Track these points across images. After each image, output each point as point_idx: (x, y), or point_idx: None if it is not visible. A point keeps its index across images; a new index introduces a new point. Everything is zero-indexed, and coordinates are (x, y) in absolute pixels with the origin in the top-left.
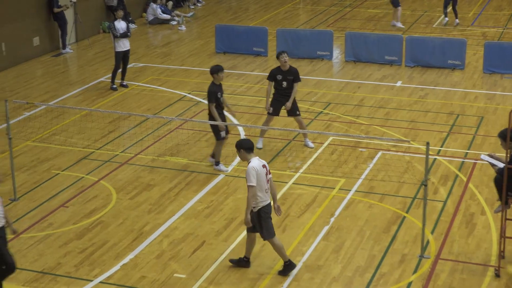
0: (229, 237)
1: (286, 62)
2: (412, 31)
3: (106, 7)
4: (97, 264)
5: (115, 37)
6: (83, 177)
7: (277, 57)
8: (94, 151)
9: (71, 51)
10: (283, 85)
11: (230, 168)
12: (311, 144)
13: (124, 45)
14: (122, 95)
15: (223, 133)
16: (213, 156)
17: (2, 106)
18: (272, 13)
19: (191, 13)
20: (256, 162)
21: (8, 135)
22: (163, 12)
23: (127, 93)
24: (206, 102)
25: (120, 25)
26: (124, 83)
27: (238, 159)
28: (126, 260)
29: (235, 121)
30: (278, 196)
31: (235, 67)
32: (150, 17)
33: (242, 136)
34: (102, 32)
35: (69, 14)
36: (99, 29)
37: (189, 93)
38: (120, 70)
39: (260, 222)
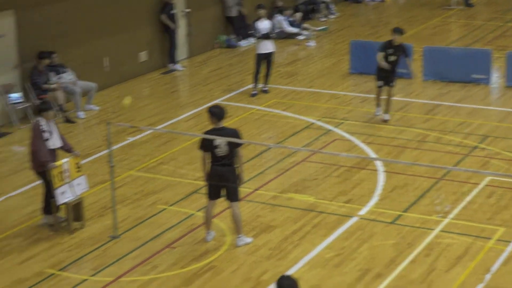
0: None
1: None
2: None
3: (224, 19)
4: None
5: (256, 38)
6: (193, 214)
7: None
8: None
9: (182, 68)
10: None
11: (364, 211)
12: (386, 117)
13: (265, 47)
14: (241, 120)
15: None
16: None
17: (104, 130)
18: (418, 27)
19: (322, 27)
20: None
21: (110, 162)
22: (291, 24)
23: (246, 118)
24: (338, 131)
25: (263, 25)
26: (266, 89)
27: (374, 200)
28: None
29: (372, 154)
30: (423, 244)
31: (372, 91)
32: (276, 30)
33: (381, 172)
34: (219, 47)
35: (181, 26)
36: (215, 43)
37: (318, 120)
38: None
39: None
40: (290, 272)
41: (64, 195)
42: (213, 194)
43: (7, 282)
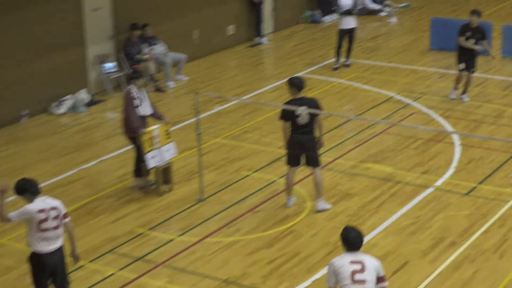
0: (437, 259)
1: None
2: None
3: None
4: (286, 277)
5: (339, 14)
6: (275, 180)
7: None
8: None
9: (268, 42)
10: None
11: (440, 182)
12: (465, 99)
13: (347, 23)
14: (322, 93)
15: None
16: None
17: (192, 99)
18: (498, 6)
19: (404, 4)
20: None
21: (197, 130)
22: (373, 1)
23: (327, 91)
24: (416, 104)
25: (346, 1)
26: (347, 63)
27: (450, 172)
28: (318, 275)
29: (449, 128)
30: (497, 215)
31: (451, 66)
32: (358, 7)
33: (457, 145)
34: (304, 22)
35: (268, 1)
36: (300, 18)
37: (397, 94)
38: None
39: None
40: (367, 238)
41: (154, 159)
42: (293, 162)
43: (100, 240)
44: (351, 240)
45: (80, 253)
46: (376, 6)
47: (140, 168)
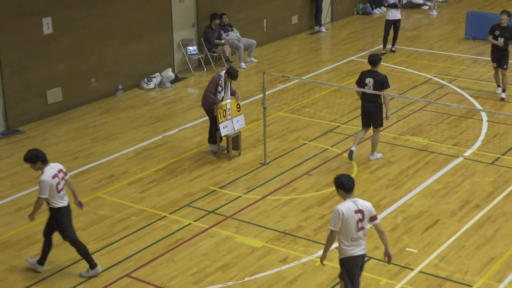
0: (463, 219)
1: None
2: None
3: None
4: None
5: (386, 7)
6: (327, 148)
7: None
8: (340, 125)
9: (326, 30)
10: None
11: (468, 153)
12: (503, 95)
13: (392, 14)
14: None
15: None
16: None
17: (260, 78)
18: None
19: None
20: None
21: (263, 104)
22: None
23: None
24: (451, 86)
25: None
26: (393, 49)
27: (477, 144)
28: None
29: (478, 106)
30: None
31: (483, 53)
32: (403, 1)
33: (485, 121)
34: (356, 13)
35: None
36: (354, 10)
37: (435, 76)
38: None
39: None
40: (404, 199)
41: (226, 129)
42: (363, 124)
43: (179, 195)
44: (345, 183)
45: (162, 206)
46: (419, 0)
47: (214, 136)
